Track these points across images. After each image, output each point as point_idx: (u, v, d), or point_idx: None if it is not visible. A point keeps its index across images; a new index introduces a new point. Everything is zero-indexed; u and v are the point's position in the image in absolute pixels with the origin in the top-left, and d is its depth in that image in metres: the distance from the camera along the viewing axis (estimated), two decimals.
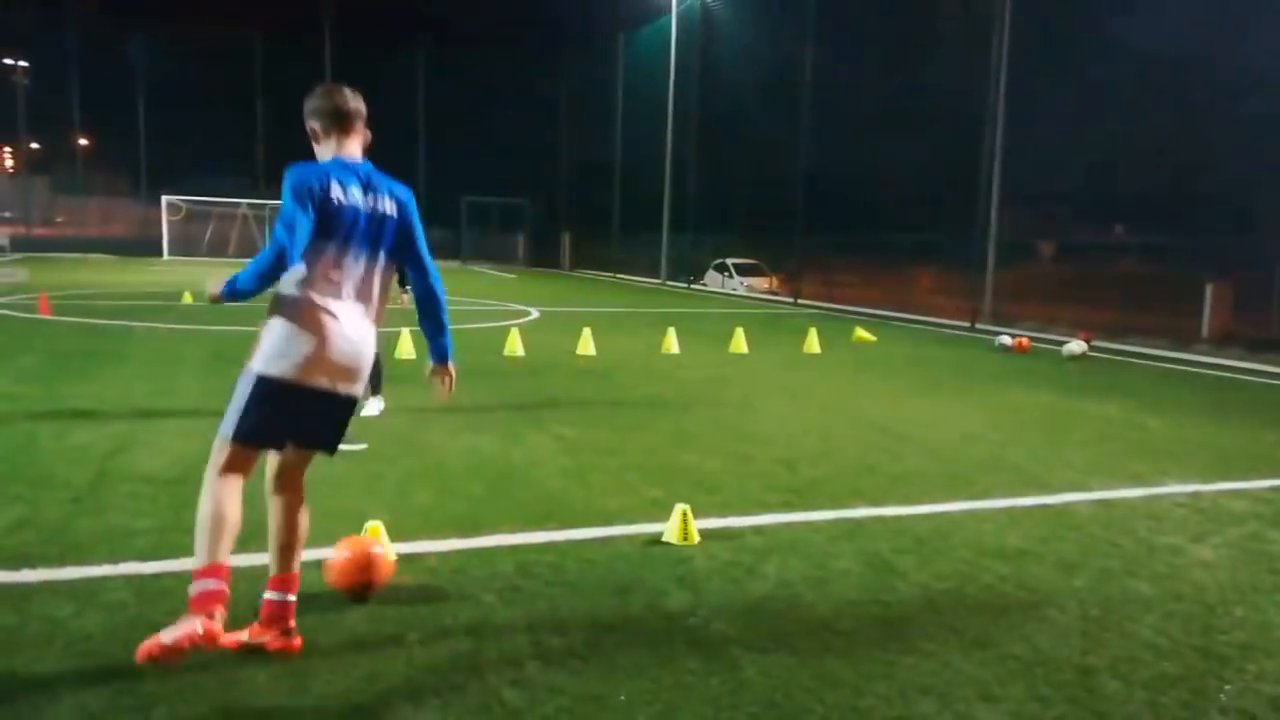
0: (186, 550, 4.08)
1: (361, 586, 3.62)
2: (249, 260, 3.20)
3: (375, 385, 7.45)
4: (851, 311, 21.36)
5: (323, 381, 3.16)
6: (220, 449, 3.13)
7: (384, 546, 3.82)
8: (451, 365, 3.61)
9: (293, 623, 3.25)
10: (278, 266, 3.07)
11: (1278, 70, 15.67)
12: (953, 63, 22.29)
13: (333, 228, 3.16)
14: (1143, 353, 14.36)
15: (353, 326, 3.22)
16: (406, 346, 10.71)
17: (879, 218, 27.58)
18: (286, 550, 3.31)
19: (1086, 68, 19.85)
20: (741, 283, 29.94)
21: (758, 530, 4.76)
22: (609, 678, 3.10)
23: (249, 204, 39.97)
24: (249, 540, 3.59)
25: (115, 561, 3.93)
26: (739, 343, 12.69)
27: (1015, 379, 10.86)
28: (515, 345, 11.45)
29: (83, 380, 8.39)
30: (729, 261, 30.97)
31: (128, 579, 3.76)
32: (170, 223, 38.24)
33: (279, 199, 3.22)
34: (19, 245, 38.46)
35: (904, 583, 4.08)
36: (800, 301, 24.09)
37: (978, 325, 18.13)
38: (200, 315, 14.99)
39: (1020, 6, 18.92)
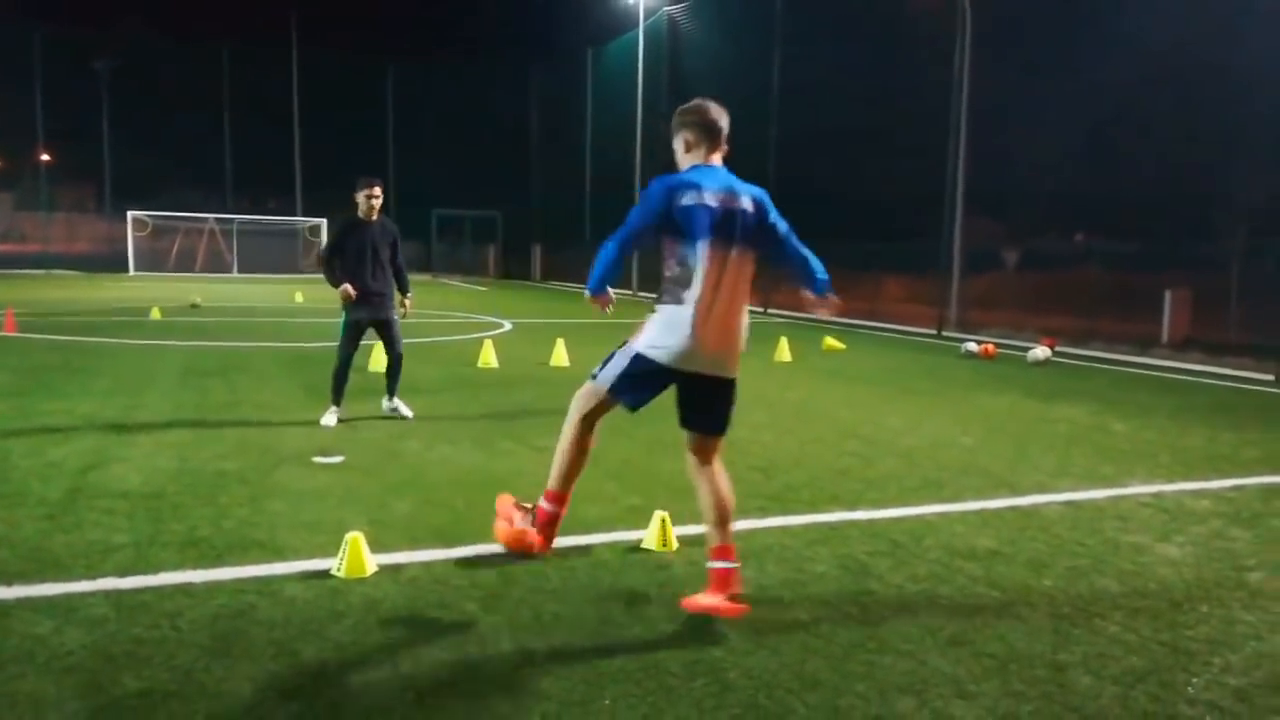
0: (165, 564, 4.10)
1: None
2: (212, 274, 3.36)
3: (391, 389, 7.73)
4: (821, 320, 21.51)
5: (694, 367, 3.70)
6: (589, 401, 3.99)
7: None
8: (830, 295, 3.97)
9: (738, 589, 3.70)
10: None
11: (1238, 82, 16.07)
12: (918, 72, 22.63)
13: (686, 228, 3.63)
14: (1105, 357, 14.64)
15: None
16: (380, 359, 10.66)
17: (846, 227, 27.85)
18: (720, 524, 3.79)
19: (1049, 78, 20.24)
20: None
21: (736, 535, 4.80)
22: (594, 683, 3.14)
23: (216, 218, 39.59)
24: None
25: (93, 577, 3.91)
26: None
27: (983, 385, 11.04)
28: (489, 357, 11.46)
29: (54, 397, 8.29)
30: None
31: (107, 594, 3.74)
32: (136, 238, 37.68)
33: (248, 213, 3.34)
34: None
35: (880, 584, 4.16)
36: (770, 310, 24.25)
37: (944, 333, 18.37)
38: (169, 331, 14.85)
39: (981, 18, 19.24)
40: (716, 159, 3.80)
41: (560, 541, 4.61)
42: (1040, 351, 13.53)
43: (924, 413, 8.80)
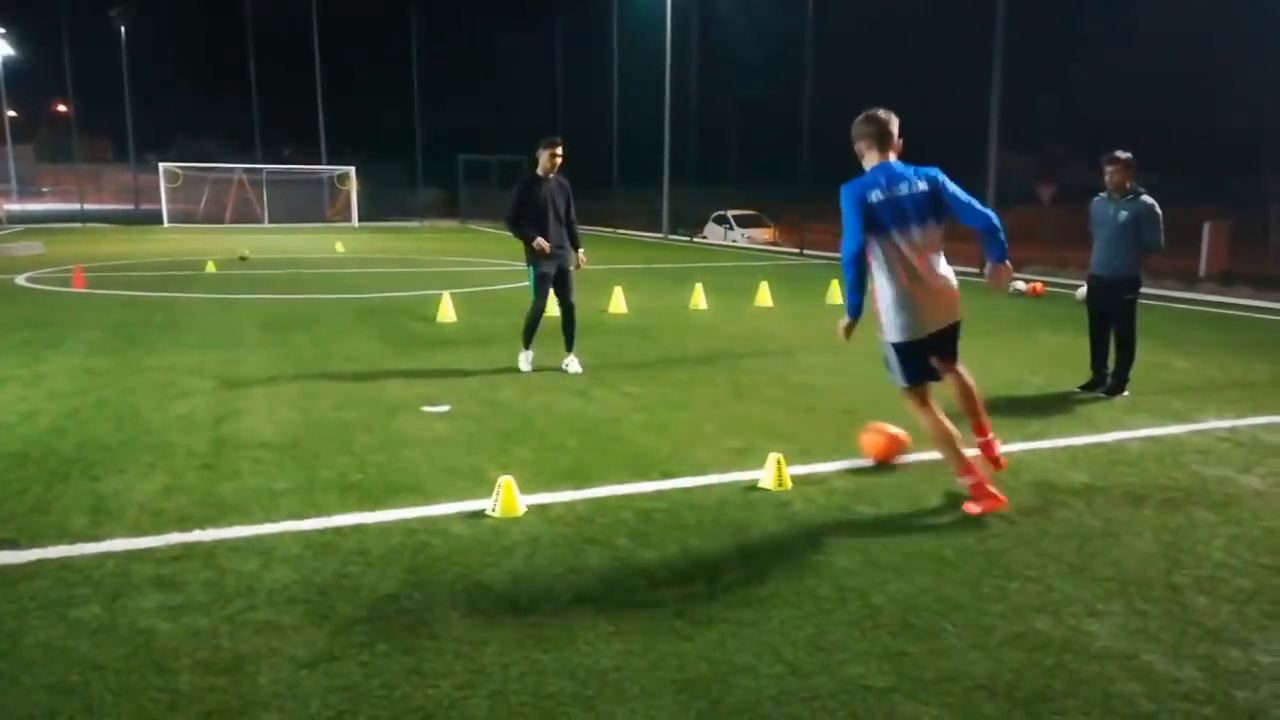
0: (332, 508, 4.46)
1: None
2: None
3: (569, 343, 8.06)
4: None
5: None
6: (907, 396, 4.61)
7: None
8: (1006, 264, 4.56)
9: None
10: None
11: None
12: (954, 6, 22.39)
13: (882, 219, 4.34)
14: (1151, 294, 14.72)
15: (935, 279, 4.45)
16: (448, 310, 11.00)
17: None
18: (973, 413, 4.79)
19: (1088, 13, 20.01)
20: (742, 234, 30.16)
21: (841, 475, 5.14)
22: (759, 608, 3.48)
23: (244, 169, 39.76)
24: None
25: (275, 520, 4.29)
26: (763, 296, 13.01)
27: (1037, 323, 11.26)
28: (550, 306, 11.71)
29: (152, 352, 8.68)
30: (729, 213, 31.16)
31: (293, 535, 4.12)
32: (168, 190, 37.94)
33: (277, 162, 3.83)
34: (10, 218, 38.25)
35: (989, 517, 4.47)
36: (806, 252, 24.35)
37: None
38: (230, 284, 15.21)
39: None
40: (893, 156, 4.48)
41: (682, 483, 4.98)
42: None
43: (988, 353, 9.05)
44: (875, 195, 4.35)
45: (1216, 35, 17.31)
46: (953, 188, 4.47)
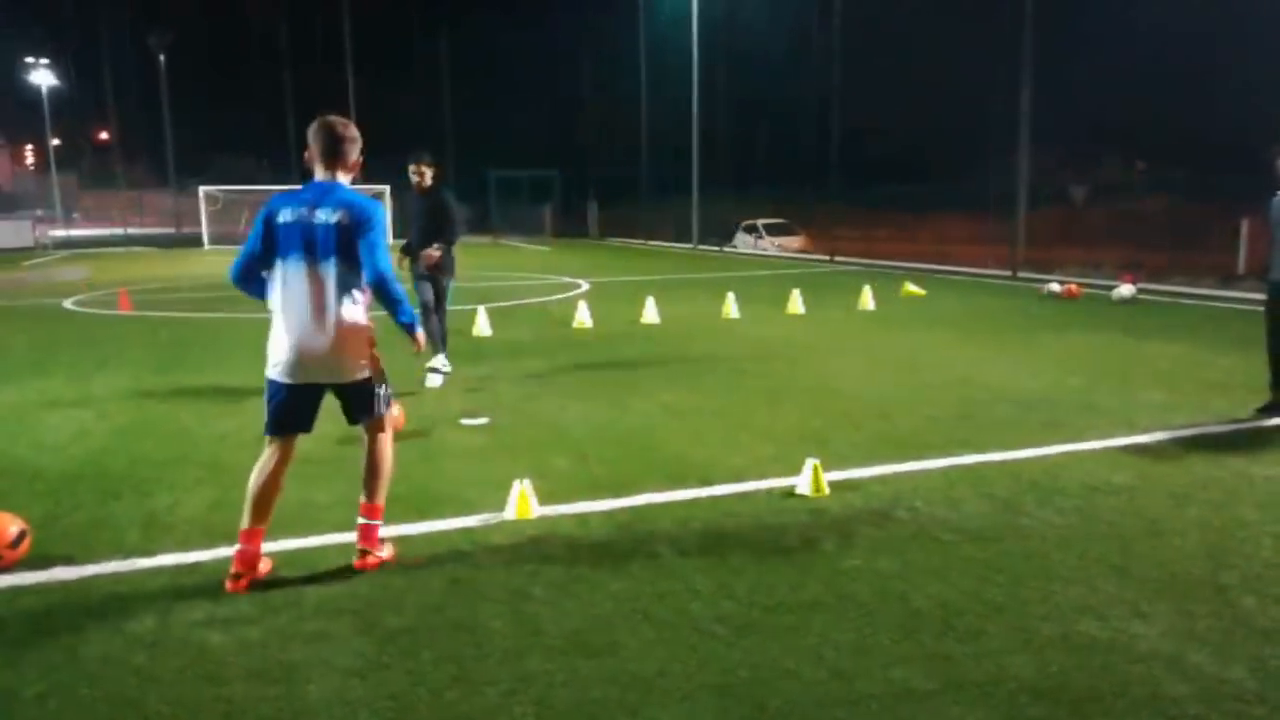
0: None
1: None
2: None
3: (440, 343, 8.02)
4: (891, 266, 21.54)
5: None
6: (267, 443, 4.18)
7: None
8: (416, 336, 4.42)
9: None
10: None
11: None
12: (983, 5, 22.21)
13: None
14: (1189, 292, 14.55)
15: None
16: (483, 324, 11.11)
17: (902, 170, 27.73)
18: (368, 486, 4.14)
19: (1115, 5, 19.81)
20: (773, 243, 30.09)
21: (879, 480, 5.13)
22: (799, 614, 3.49)
23: (282, 190, 40.39)
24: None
25: (321, 533, 4.37)
26: (794, 303, 12.99)
27: (1073, 325, 11.14)
28: (582, 317, 11.82)
29: (193, 371, 8.86)
30: (759, 222, 31.10)
31: (339, 547, 4.19)
32: (208, 212, 38.60)
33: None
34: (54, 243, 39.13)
35: (1030, 520, 4.45)
36: (837, 259, 24.27)
37: (1019, 274, 18.30)
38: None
39: None
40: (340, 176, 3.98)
41: (719, 490, 5.00)
42: (1126, 289, 13.53)
43: (1025, 356, 8.99)
44: (286, 215, 3.81)
45: (1226, 34, 17.07)
46: (372, 236, 3.88)
